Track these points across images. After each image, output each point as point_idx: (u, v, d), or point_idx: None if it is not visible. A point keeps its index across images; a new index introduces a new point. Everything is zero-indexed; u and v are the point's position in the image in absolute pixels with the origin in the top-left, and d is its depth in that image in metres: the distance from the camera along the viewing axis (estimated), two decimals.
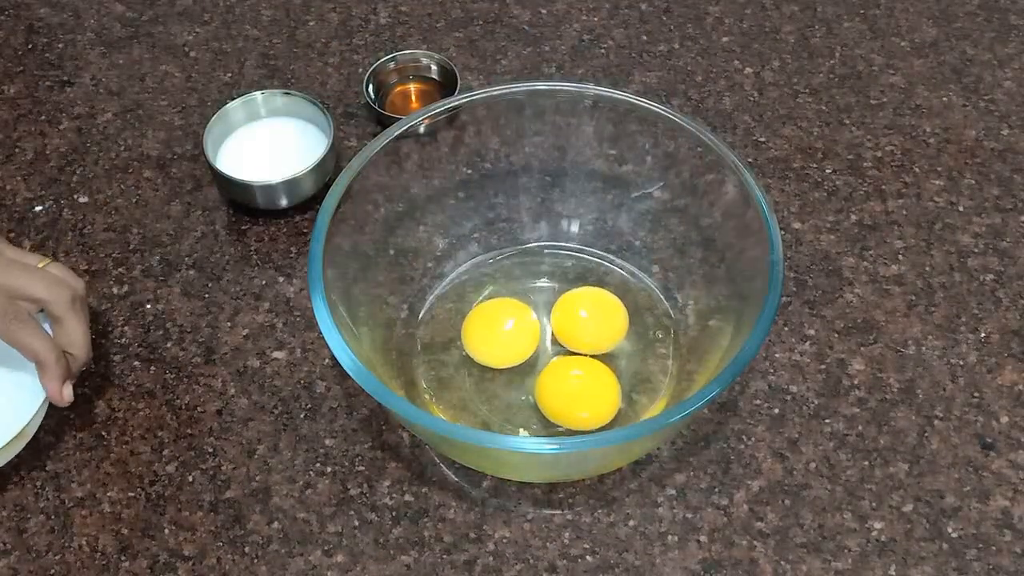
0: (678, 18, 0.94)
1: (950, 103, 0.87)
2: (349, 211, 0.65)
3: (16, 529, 0.64)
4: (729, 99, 0.87)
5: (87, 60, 0.92)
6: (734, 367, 0.56)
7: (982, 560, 0.62)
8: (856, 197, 0.80)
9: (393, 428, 0.68)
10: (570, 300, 0.71)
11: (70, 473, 0.66)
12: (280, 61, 0.91)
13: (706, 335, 0.68)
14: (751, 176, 0.64)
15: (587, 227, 0.75)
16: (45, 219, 0.80)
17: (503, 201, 0.75)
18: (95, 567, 0.62)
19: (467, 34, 0.93)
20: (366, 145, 0.67)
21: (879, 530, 0.63)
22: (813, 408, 0.68)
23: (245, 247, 0.78)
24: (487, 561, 0.62)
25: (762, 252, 0.61)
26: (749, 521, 0.63)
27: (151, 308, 0.74)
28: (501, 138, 0.73)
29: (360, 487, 0.65)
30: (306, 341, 0.72)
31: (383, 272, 0.72)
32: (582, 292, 0.71)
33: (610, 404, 0.66)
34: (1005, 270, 0.75)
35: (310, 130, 0.81)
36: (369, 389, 0.56)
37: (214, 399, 0.69)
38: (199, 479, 0.66)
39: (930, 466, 0.66)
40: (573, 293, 0.71)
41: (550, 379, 0.67)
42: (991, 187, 0.81)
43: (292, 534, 0.63)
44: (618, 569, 0.62)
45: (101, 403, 0.69)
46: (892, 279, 0.75)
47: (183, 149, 0.85)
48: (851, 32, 0.93)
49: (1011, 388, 0.69)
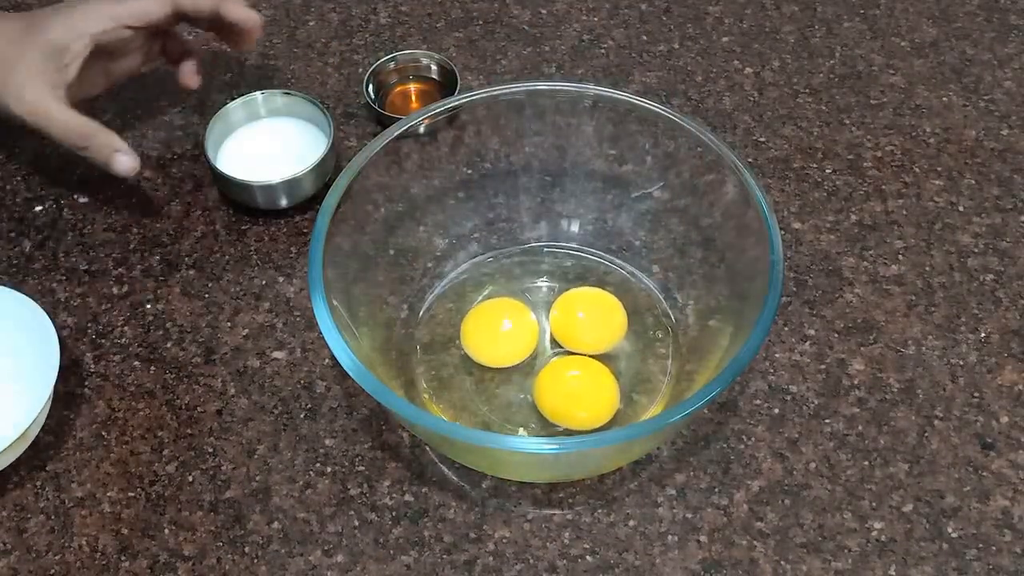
0: (678, 18, 0.94)
1: (950, 103, 0.87)
2: (349, 211, 0.65)
3: (16, 529, 0.64)
4: (729, 99, 0.87)
5: None
6: (734, 367, 0.56)
7: (982, 560, 0.62)
8: (856, 197, 0.80)
9: (393, 428, 0.68)
10: (569, 300, 0.71)
11: (70, 473, 0.66)
12: (280, 61, 0.91)
13: (706, 335, 0.68)
14: (751, 176, 0.64)
15: (587, 227, 0.75)
16: (45, 219, 0.80)
17: (503, 201, 0.75)
18: (95, 567, 0.62)
19: (467, 34, 0.93)
20: (366, 145, 0.67)
21: (879, 530, 0.63)
22: (813, 408, 0.68)
23: (245, 247, 0.78)
24: (487, 561, 0.62)
25: (762, 252, 0.61)
26: (749, 521, 0.63)
27: (151, 308, 0.74)
28: (501, 138, 0.73)
29: (360, 487, 0.65)
30: (306, 341, 0.72)
31: (383, 272, 0.72)
32: (581, 292, 0.71)
33: (609, 404, 0.66)
34: (1005, 270, 0.75)
35: (310, 130, 0.81)
36: (369, 389, 0.56)
37: (214, 399, 0.69)
38: (199, 479, 0.66)
39: (930, 466, 0.66)
40: (572, 293, 0.71)
41: (548, 379, 0.67)
42: (991, 187, 0.81)
43: (292, 534, 0.63)
44: (618, 569, 0.62)
45: (101, 403, 0.69)
46: (892, 279, 0.75)
47: (183, 149, 0.85)
48: (851, 32, 0.93)
49: (1011, 388, 0.69)
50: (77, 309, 0.74)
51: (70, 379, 0.70)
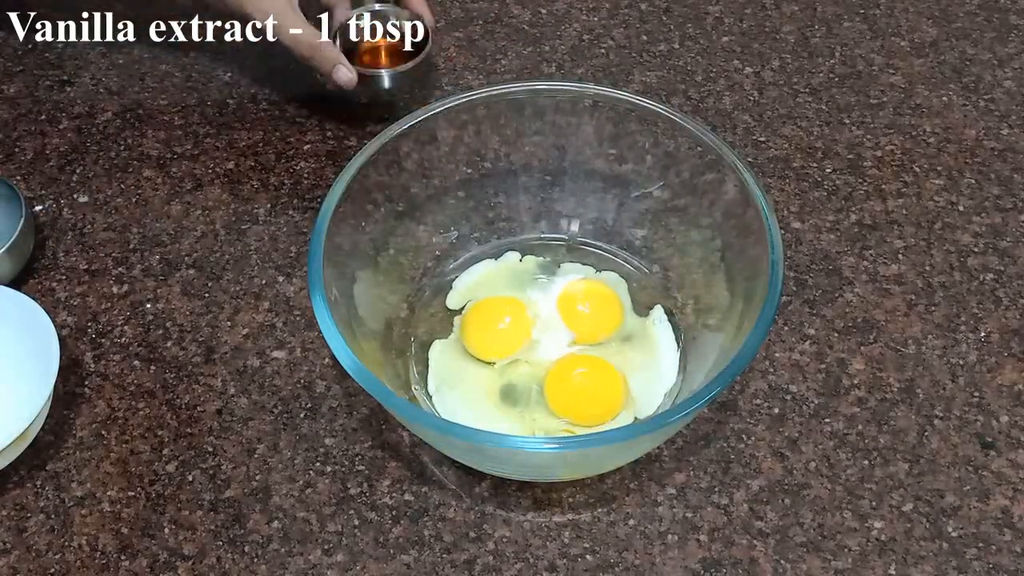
0: (678, 18, 0.94)
1: (950, 103, 0.87)
2: (349, 211, 0.65)
3: (16, 529, 0.64)
4: (729, 99, 0.87)
5: (87, 60, 0.92)
6: (734, 367, 0.56)
7: (982, 559, 0.62)
8: (856, 197, 0.80)
9: (393, 428, 0.68)
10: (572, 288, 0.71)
11: (70, 473, 0.66)
12: (280, 61, 0.91)
13: (706, 335, 0.68)
14: (751, 176, 0.64)
15: (587, 226, 0.75)
16: (45, 219, 0.80)
17: (503, 200, 0.75)
18: (95, 566, 0.62)
19: (467, 34, 0.93)
20: (366, 145, 0.67)
21: (879, 529, 0.63)
22: (813, 408, 0.68)
23: (245, 247, 0.78)
24: (487, 560, 0.62)
25: (762, 252, 0.61)
26: (749, 520, 0.63)
27: (151, 308, 0.74)
28: (501, 138, 0.73)
29: (360, 486, 0.65)
30: (306, 341, 0.72)
31: (383, 272, 0.72)
32: (583, 281, 0.72)
33: (616, 403, 0.66)
34: (1005, 269, 0.75)
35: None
36: (369, 389, 0.56)
37: (214, 399, 0.70)
38: (199, 479, 0.66)
39: (930, 465, 0.66)
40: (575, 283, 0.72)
41: (561, 372, 0.67)
42: (991, 187, 0.81)
43: (292, 533, 0.63)
44: (618, 568, 0.62)
45: (101, 403, 0.69)
46: (892, 279, 0.75)
47: (183, 149, 0.85)
48: (851, 32, 0.93)
49: (1011, 388, 0.69)
50: (77, 309, 0.74)
51: (70, 379, 0.70)
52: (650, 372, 0.68)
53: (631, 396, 0.66)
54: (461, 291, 0.73)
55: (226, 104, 0.88)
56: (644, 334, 0.70)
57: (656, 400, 0.67)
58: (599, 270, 0.74)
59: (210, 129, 0.86)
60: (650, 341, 0.69)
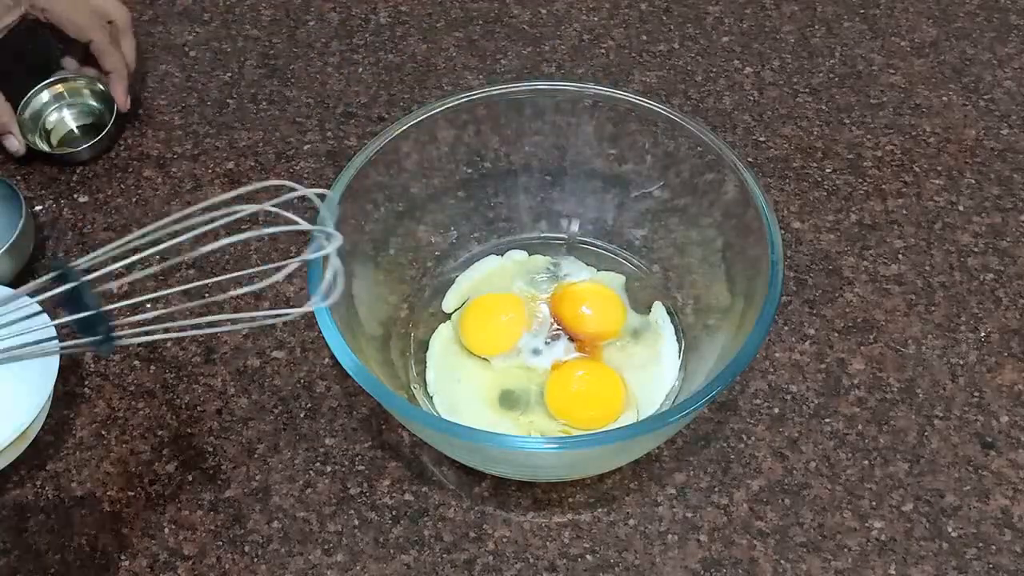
0: (678, 18, 0.94)
1: (950, 103, 0.87)
2: (349, 211, 0.65)
3: (16, 529, 0.64)
4: (729, 99, 0.87)
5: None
6: (734, 367, 0.56)
7: (982, 559, 0.62)
8: (856, 197, 0.80)
9: (393, 428, 0.68)
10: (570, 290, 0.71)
11: (70, 473, 0.66)
12: (280, 61, 0.91)
13: (706, 335, 0.68)
14: (751, 176, 0.64)
15: (587, 226, 0.75)
16: (45, 219, 0.80)
17: (503, 201, 0.75)
18: (95, 566, 0.62)
19: (467, 34, 0.93)
20: (366, 145, 0.67)
21: (879, 529, 0.63)
22: (813, 408, 0.68)
23: (245, 247, 0.78)
24: (487, 560, 0.62)
25: (762, 252, 0.61)
26: (749, 520, 0.63)
27: (151, 307, 0.74)
28: (501, 138, 0.73)
29: (360, 486, 0.65)
30: (306, 341, 0.72)
31: (383, 272, 0.72)
32: (581, 283, 0.72)
33: (617, 408, 0.66)
34: (1005, 269, 0.75)
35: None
36: (369, 389, 0.56)
37: (214, 399, 0.69)
38: (199, 479, 0.66)
39: (930, 465, 0.66)
40: (572, 284, 0.72)
41: (561, 377, 0.67)
42: (991, 186, 0.81)
43: (292, 533, 0.63)
44: (618, 568, 0.62)
45: (101, 403, 0.69)
46: (892, 279, 0.75)
47: (183, 149, 0.85)
48: (851, 32, 0.93)
49: (1011, 388, 0.69)
50: None
51: (70, 379, 0.70)
52: (651, 371, 0.68)
53: (632, 396, 0.66)
54: (463, 288, 0.73)
55: (226, 104, 0.88)
56: (647, 330, 0.70)
57: (657, 400, 0.67)
58: (599, 270, 0.74)
59: (210, 129, 0.86)
60: (653, 337, 0.69)
